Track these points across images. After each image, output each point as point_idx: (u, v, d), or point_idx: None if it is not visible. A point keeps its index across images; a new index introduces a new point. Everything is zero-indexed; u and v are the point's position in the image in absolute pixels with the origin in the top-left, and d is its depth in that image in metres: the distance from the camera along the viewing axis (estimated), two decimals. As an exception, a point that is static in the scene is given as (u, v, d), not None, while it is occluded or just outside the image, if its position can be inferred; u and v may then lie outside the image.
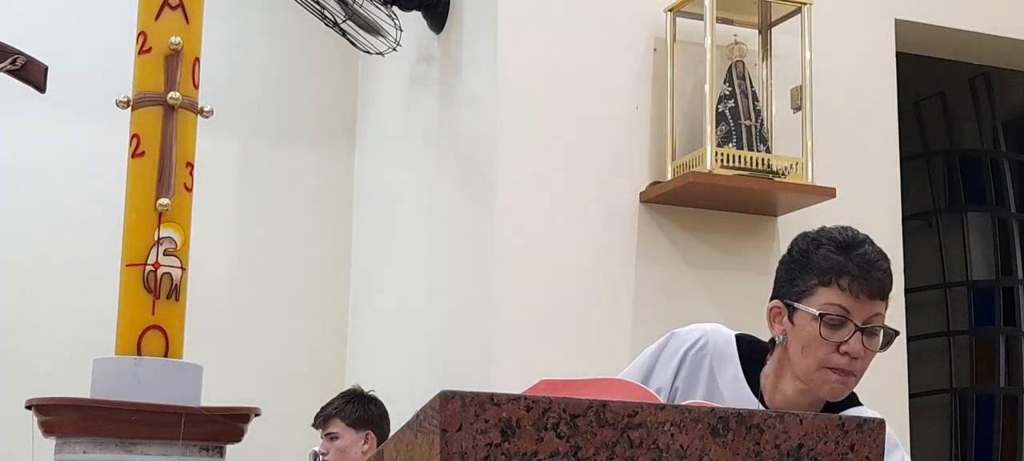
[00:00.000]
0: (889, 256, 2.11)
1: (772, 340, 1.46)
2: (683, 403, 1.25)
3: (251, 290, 3.46)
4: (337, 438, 2.68)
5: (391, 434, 1.88)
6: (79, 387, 2.42)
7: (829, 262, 1.39)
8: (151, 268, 2.39)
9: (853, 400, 1.42)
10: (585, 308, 2.74)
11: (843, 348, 1.35)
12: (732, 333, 1.52)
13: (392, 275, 3.41)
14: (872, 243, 1.41)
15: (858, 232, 1.42)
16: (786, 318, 1.43)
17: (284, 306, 3.49)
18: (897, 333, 1.45)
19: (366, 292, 3.57)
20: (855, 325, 1.34)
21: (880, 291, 1.37)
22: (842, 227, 1.44)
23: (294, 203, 3.58)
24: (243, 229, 3.56)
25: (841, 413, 1.34)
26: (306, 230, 3.59)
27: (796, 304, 1.41)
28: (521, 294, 2.72)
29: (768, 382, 1.47)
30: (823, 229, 1.45)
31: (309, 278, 3.57)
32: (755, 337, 1.54)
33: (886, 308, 1.37)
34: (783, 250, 2.31)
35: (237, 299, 3.42)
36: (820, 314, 1.35)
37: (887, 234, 2.82)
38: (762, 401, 1.42)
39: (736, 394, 1.46)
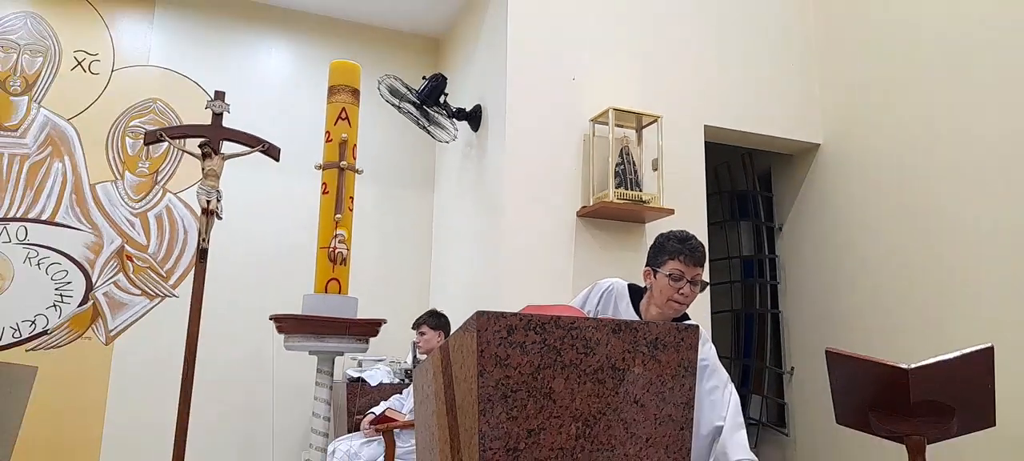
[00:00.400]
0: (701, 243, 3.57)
1: (646, 287, 2.15)
2: (593, 317, 1.75)
3: (378, 264, 4.78)
4: (425, 334, 3.66)
5: (453, 331, 1.90)
6: (296, 309, 3.40)
7: (674, 247, 2.05)
8: (332, 249, 3.38)
9: (685, 316, 2.10)
10: (550, 272, 3.70)
11: (681, 292, 2.03)
12: (626, 283, 2.26)
13: (451, 257, 4.54)
14: (696, 238, 2.15)
15: (688, 232, 2.17)
16: (652, 276, 2.11)
17: (396, 273, 4.85)
18: (708, 283, 2.16)
19: (438, 271, 4.82)
20: (687, 280, 2.03)
21: (700, 262, 2.06)
22: (681, 230, 2.15)
23: (401, 219, 4.98)
24: (375, 231, 4.89)
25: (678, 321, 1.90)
26: (408, 233, 5.00)
27: (657, 269, 2.08)
28: (516, 267, 3.68)
29: (644, 309, 2.15)
30: (672, 230, 2.12)
31: (409, 261, 4.94)
32: (637, 284, 2.25)
33: (703, 271, 2.08)
34: (648, 243, 3.68)
35: (372, 267, 4.68)
36: (669, 274, 2.05)
37: (698, 233, 3.19)
38: (641, 318, 2.08)
39: (628, 315, 2.17)
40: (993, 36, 3.52)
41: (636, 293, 2.22)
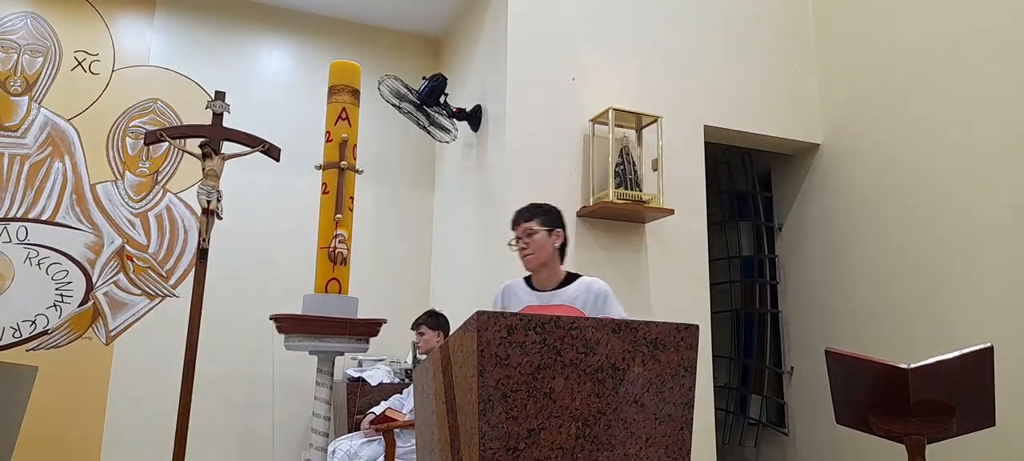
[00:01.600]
0: (697, 245, 3.64)
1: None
2: (595, 316, 1.93)
3: (379, 263, 4.77)
4: (424, 334, 3.63)
5: (452, 332, 1.93)
6: (296, 309, 3.39)
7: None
8: (332, 249, 3.34)
9: (577, 276, 2.50)
10: None
11: (519, 247, 2.53)
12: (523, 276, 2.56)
13: (452, 257, 4.55)
14: (530, 206, 2.53)
15: (530, 204, 2.55)
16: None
17: (397, 273, 4.84)
18: (536, 231, 2.46)
19: (438, 270, 4.80)
20: (517, 236, 2.52)
21: (516, 221, 2.54)
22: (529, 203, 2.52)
23: (402, 219, 4.97)
24: (375, 231, 4.89)
25: (578, 279, 2.47)
26: (409, 233, 4.99)
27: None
28: (517, 265, 3.14)
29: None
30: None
31: (410, 259, 4.93)
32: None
33: (527, 223, 2.45)
34: (649, 244, 3.77)
35: (373, 266, 4.68)
36: (510, 242, 2.57)
37: (699, 232, 4.05)
38: (533, 287, 2.50)
39: (523, 290, 2.54)
40: (993, 35, 3.52)
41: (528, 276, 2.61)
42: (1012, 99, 3.40)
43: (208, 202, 3.25)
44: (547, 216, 2.60)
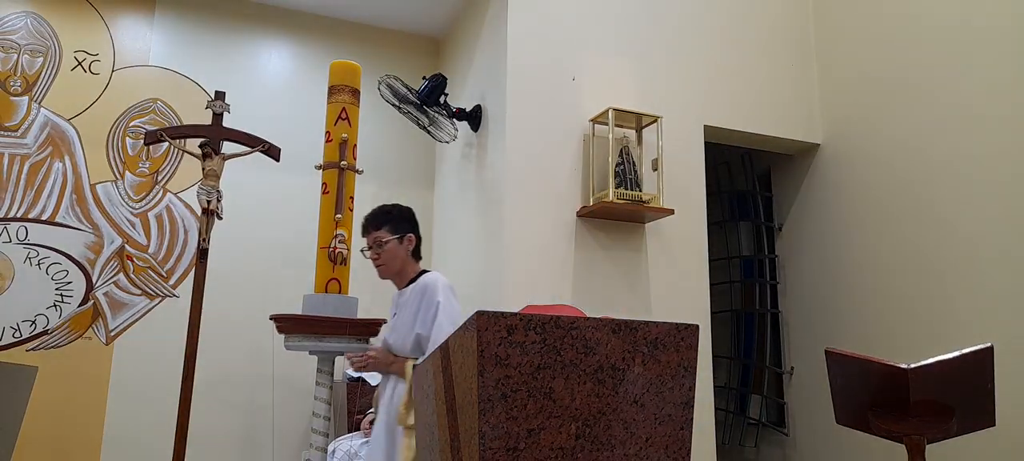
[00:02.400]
0: (697, 245, 3.63)
1: None
2: (595, 316, 1.60)
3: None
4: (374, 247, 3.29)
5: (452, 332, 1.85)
6: (296, 309, 3.38)
7: None
8: (332, 249, 3.32)
9: (422, 274, 2.58)
10: (550, 272, 3.69)
11: (367, 255, 2.62)
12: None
13: (452, 256, 4.55)
14: (377, 213, 2.55)
15: (378, 209, 2.56)
16: None
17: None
18: (386, 240, 2.50)
19: (439, 265, 4.73)
20: (367, 248, 2.60)
21: (367, 228, 2.57)
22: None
23: None
24: None
25: (421, 276, 2.56)
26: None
27: None
28: (517, 267, 3.66)
29: None
30: None
31: None
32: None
33: (375, 234, 2.49)
34: (648, 244, 3.78)
35: (373, 267, 4.57)
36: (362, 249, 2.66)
37: (699, 232, 4.05)
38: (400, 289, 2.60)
39: (399, 293, 2.61)
40: (993, 35, 3.52)
41: None
42: (1013, 98, 3.41)
43: (208, 202, 3.25)
44: (396, 222, 2.61)
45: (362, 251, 2.68)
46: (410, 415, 2.37)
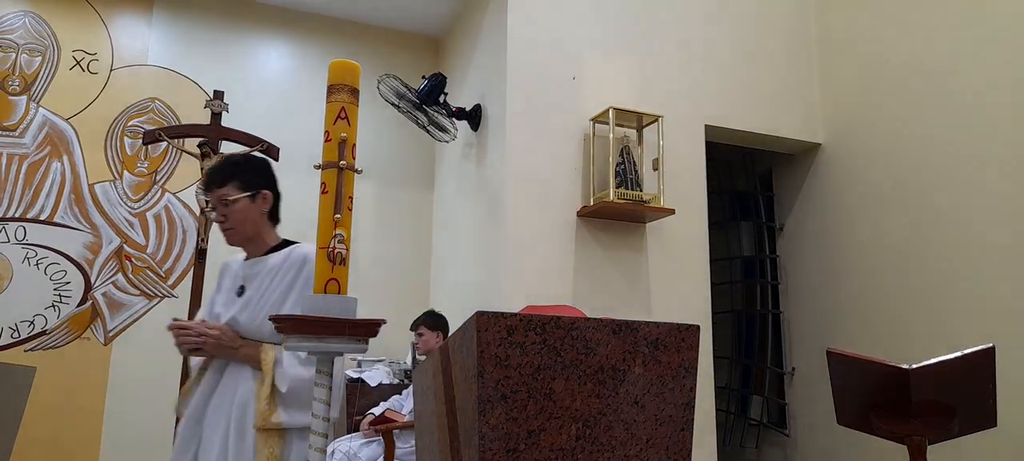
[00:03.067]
0: (698, 245, 3.62)
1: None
2: (595, 317, 1.51)
3: (378, 264, 4.79)
4: (423, 335, 3.69)
5: (451, 332, 1.89)
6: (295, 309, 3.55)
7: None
8: (331, 249, 3.34)
9: (287, 243, 2.03)
10: (550, 272, 3.69)
11: (218, 218, 2.02)
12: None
13: (451, 257, 4.57)
14: (225, 164, 1.99)
15: (226, 160, 2.04)
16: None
17: (396, 273, 4.85)
18: (234, 198, 1.93)
19: (439, 266, 4.83)
20: (214, 207, 2.01)
21: (210, 183, 1.99)
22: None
23: (401, 219, 4.97)
24: (376, 231, 4.90)
25: (288, 248, 1.98)
26: (409, 233, 4.98)
27: None
28: (517, 267, 3.66)
29: None
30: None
31: (410, 259, 4.92)
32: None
33: (224, 188, 1.93)
34: (649, 243, 3.81)
35: (373, 266, 4.73)
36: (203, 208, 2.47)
37: (699, 232, 4.05)
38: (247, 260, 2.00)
39: (240, 263, 2.04)
40: (993, 35, 3.52)
41: None
42: (1014, 99, 3.41)
43: (207, 202, 3.24)
44: (249, 175, 2.07)
45: (203, 212, 2.30)
46: (275, 412, 1.90)
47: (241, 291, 2.05)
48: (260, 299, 2.01)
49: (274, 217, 2.14)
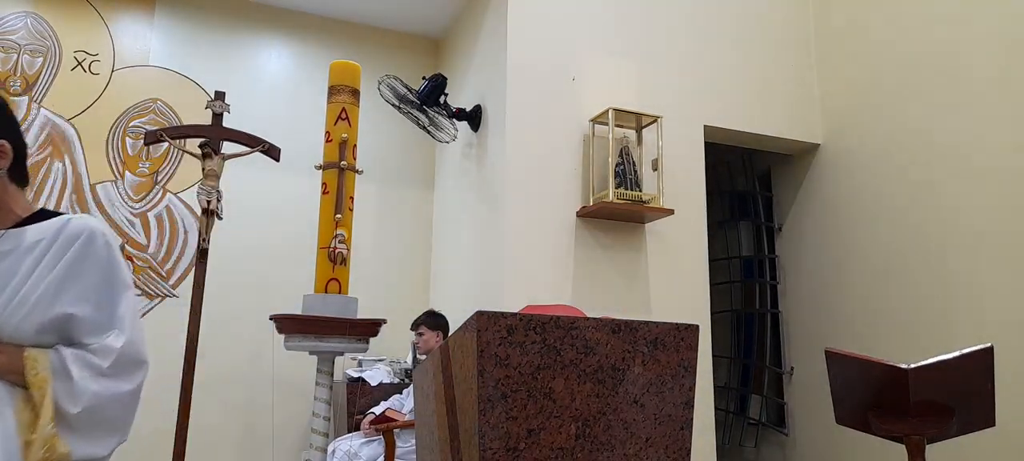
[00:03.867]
0: (697, 245, 3.65)
1: None
2: (595, 317, 1.51)
3: (378, 264, 4.79)
4: (423, 334, 3.65)
5: (452, 332, 1.94)
6: (296, 309, 3.42)
7: None
8: (332, 249, 3.35)
9: (44, 212, 1.42)
10: (550, 272, 3.69)
11: None
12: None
13: (452, 257, 4.58)
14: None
15: None
16: None
17: (396, 271, 4.85)
18: None
19: (438, 270, 4.84)
20: None
21: None
22: None
23: (401, 219, 4.98)
24: (376, 231, 4.90)
25: (53, 219, 1.37)
26: (409, 233, 5.00)
27: None
28: (517, 267, 3.66)
29: None
30: None
31: (410, 258, 4.94)
32: None
33: None
34: (649, 243, 3.79)
35: (373, 266, 4.71)
36: None
37: (699, 232, 4.04)
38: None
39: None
40: (992, 35, 3.52)
41: None
42: (1012, 99, 3.41)
43: (208, 202, 3.24)
44: None
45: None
46: (61, 443, 1.31)
47: None
48: (17, 284, 1.36)
49: (20, 179, 1.46)
